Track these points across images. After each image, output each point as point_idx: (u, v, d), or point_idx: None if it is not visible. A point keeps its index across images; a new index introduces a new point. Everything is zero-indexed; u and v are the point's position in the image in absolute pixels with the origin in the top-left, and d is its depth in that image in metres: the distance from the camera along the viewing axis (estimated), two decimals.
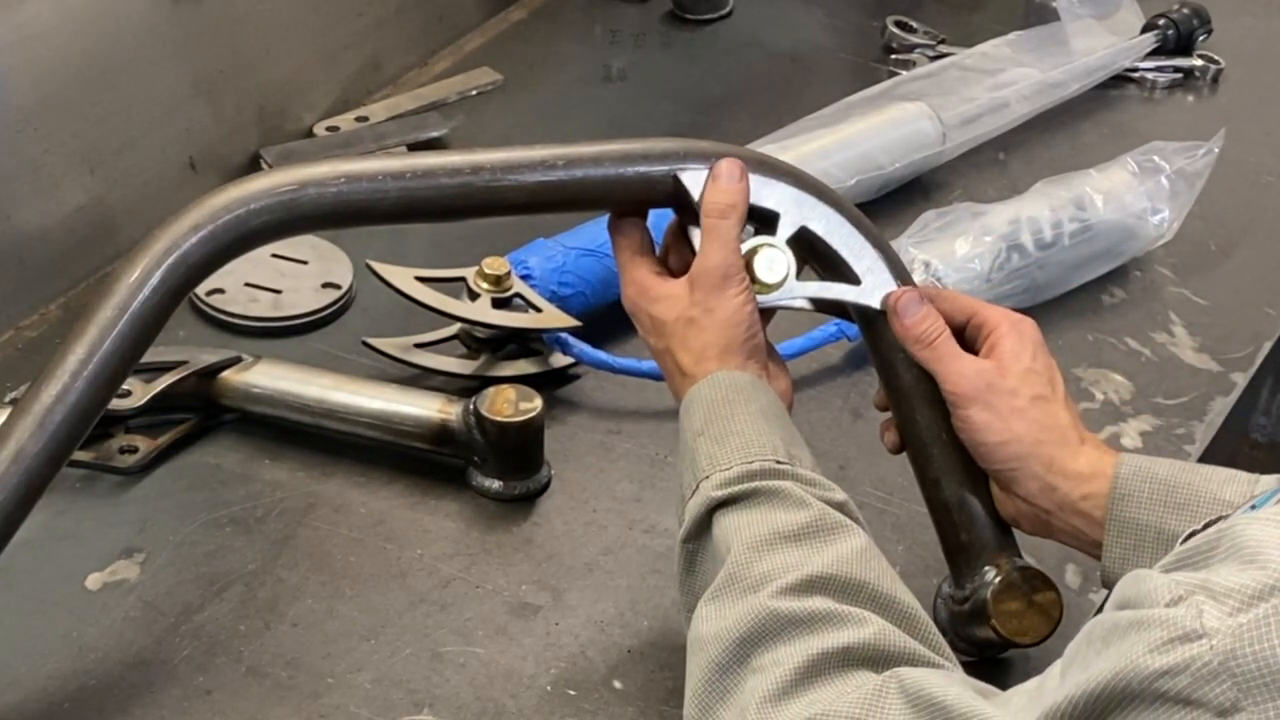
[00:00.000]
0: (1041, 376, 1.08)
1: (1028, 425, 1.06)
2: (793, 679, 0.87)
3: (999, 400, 1.06)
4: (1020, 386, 1.06)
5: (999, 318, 1.10)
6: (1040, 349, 1.09)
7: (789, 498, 0.97)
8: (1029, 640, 1.12)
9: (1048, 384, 1.08)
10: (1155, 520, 1.02)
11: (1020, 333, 1.09)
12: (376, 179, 1.03)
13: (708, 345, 1.05)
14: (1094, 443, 1.08)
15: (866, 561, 0.94)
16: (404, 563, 1.22)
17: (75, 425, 0.98)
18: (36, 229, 1.42)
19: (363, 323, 1.44)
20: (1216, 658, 0.69)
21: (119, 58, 1.46)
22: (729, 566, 0.94)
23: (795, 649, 0.89)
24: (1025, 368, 1.07)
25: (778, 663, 0.88)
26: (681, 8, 1.96)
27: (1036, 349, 1.09)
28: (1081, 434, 1.08)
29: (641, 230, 1.12)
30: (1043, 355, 1.09)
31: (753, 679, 0.89)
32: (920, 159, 1.64)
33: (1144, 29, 1.89)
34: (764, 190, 1.09)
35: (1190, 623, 0.70)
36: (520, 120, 1.74)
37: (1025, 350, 1.08)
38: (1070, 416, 1.08)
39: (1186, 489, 1.02)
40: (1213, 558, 0.74)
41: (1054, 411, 1.07)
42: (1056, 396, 1.08)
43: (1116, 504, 1.03)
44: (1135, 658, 0.71)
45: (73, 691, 1.11)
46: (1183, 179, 1.58)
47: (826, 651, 0.88)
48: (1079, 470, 1.05)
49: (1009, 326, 1.09)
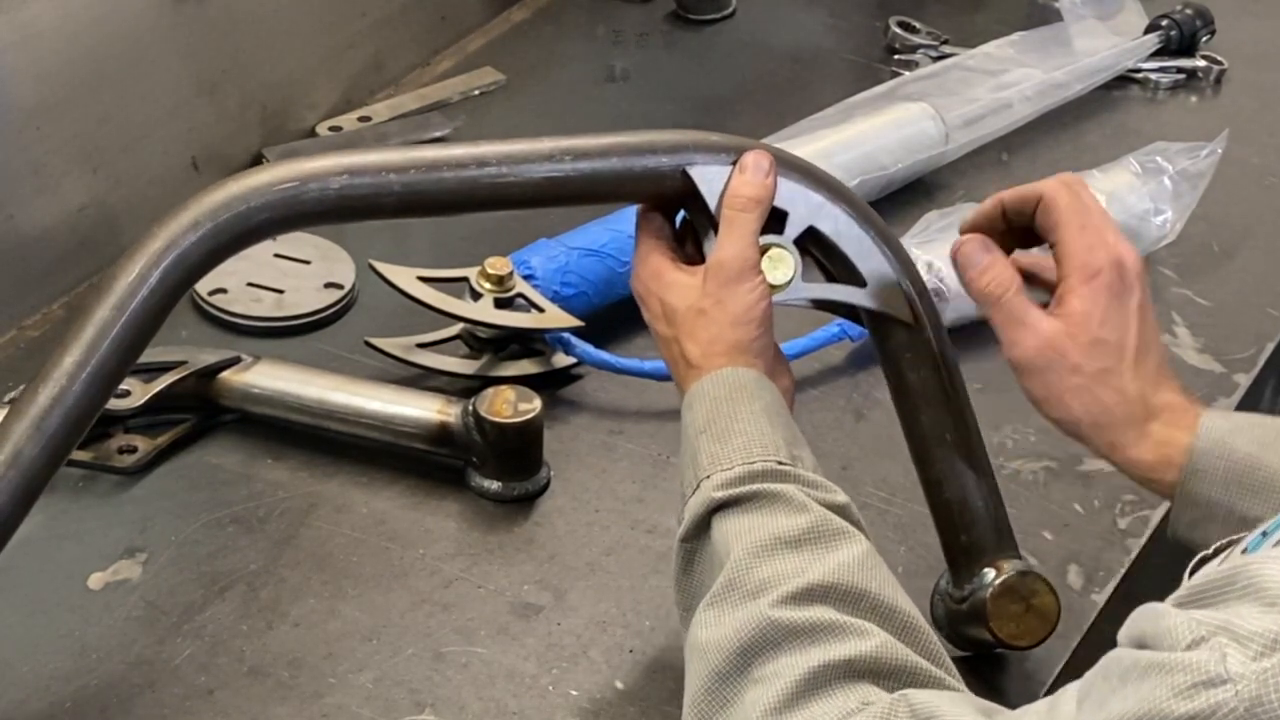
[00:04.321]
0: (1109, 346, 1.01)
1: (1086, 405, 1.02)
2: (795, 691, 0.86)
3: (1058, 378, 1.02)
4: (1084, 362, 1.01)
5: (1072, 238, 1.03)
6: (1115, 302, 1.02)
7: (790, 501, 0.96)
8: (1025, 643, 1.12)
9: (1116, 352, 1.01)
10: (1227, 500, 0.99)
11: (1095, 284, 1.01)
12: (379, 173, 1.01)
13: (716, 339, 1.04)
14: (1167, 415, 1.02)
15: (868, 569, 0.93)
16: (406, 563, 1.22)
17: (73, 426, 0.97)
18: (39, 228, 1.42)
19: (365, 323, 1.44)
20: (1242, 704, 0.67)
21: (121, 57, 1.46)
22: (728, 571, 0.94)
23: (797, 660, 0.88)
24: (1092, 337, 1.01)
25: (779, 674, 0.87)
26: (684, 8, 1.96)
27: (1110, 303, 1.02)
28: (1150, 406, 1.02)
29: (666, 221, 1.11)
30: (1116, 312, 1.02)
31: (753, 690, 0.88)
32: (923, 160, 1.64)
33: (1147, 30, 1.89)
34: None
35: (1214, 667, 0.68)
36: (523, 120, 1.74)
37: (1097, 309, 1.01)
38: (1139, 386, 1.02)
39: (1264, 471, 0.98)
40: (1228, 594, 0.72)
41: (1121, 385, 1.01)
42: (1125, 365, 1.01)
43: (1188, 479, 0.99)
44: (1158, 702, 0.69)
45: (74, 691, 1.11)
46: (1186, 180, 1.58)
47: (829, 664, 0.87)
48: (1142, 459, 1.02)
49: (1083, 273, 1.02)
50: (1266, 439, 0.99)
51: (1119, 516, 1.30)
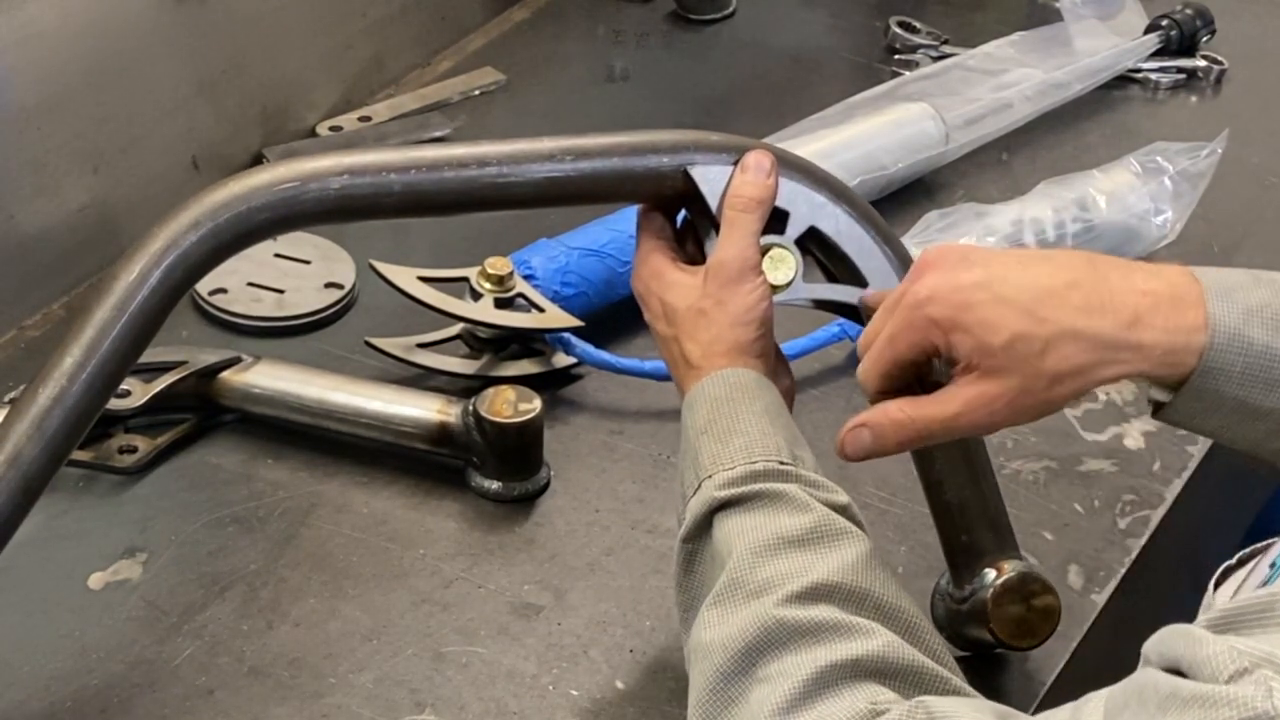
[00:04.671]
0: (1014, 307, 0.91)
1: (1071, 356, 0.91)
2: (802, 691, 0.86)
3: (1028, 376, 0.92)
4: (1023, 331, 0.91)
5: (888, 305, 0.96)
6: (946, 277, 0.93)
7: (792, 501, 0.96)
8: (1026, 644, 1.12)
9: (1031, 309, 0.91)
10: (1241, 394, 0.92)
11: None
12: (380, 173, 1.01)
13: (716, 339, 1.04)
14: (1161, 307, 0.91)
15: (871, 569, 0.93)
16: (406, 563, 1.22)
17: (73, 427, 0.97)
18: (39, 228, 1.42)
19: (365, 322, 1.44)
20: None
21: (122, 57, 1.46)
22: (731, 571, 0.93)
23: (803, 659, 0.87)
24: (990, 317, 0.92)
25: (784, 673, 0.87)
26: (685, 8, 1.96)
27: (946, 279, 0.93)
28: (1125, 312, 0.91)
29: (667, 221, 1.11)
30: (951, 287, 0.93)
31: (759, 689, 0.88)
32: (923, 159, 1.64)
33: (1147, 30, 1.89)
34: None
35: (1260, 703, 0.66)
36: (523, 120, 1.74)
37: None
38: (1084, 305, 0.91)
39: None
40: (1268, 622, 0.70)
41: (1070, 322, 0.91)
42: (1051, 301, 0.91)
43: (1201, 376, 0.91)
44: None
45: (75, 691, 1.11)
46: (1186, 180, 1.58)
47: (835, 664, 0.87)
48: (1153, 356, 0.91)
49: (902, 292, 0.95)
50: (1278, 320, 0.91)
51: (1119, 516, 1.30)
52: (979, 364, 0.91)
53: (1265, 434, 0.94)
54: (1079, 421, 1.39)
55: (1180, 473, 1.35)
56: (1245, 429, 0.94)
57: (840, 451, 0.98)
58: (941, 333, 0.92)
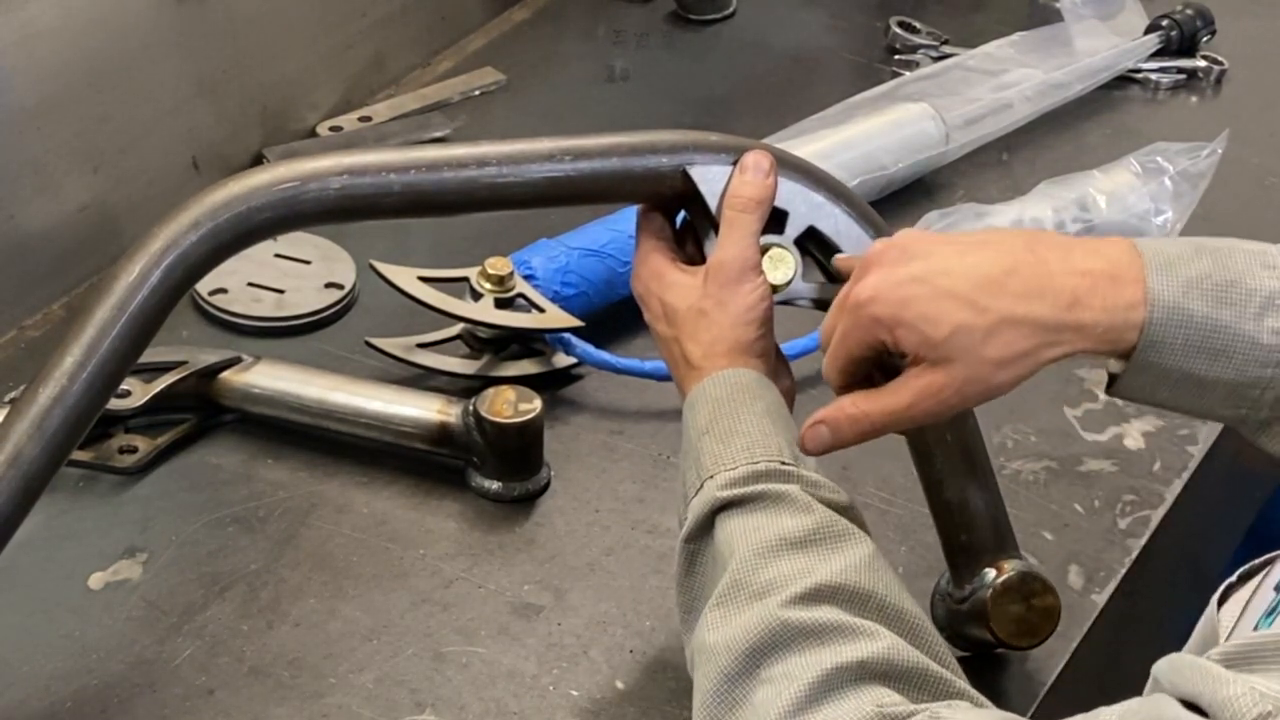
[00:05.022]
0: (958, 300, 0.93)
1: (1010, 344, 0.93)
2: (809, 694, 0.86)
3: (976, 357, 0.94)
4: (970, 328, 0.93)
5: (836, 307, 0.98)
6: (890, 271, 0.95)
7: (794, 502, 0.96)
8: (1026, 644, 1.12)
9: (970, 298, 0.93)
10: (1185, 365, 0.93)
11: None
12: (380, 173, 1.01)
13: (717, 339, 1.04)
14: (1100, 286, 0.93)
15: (874, 571, 0.93)
16: (406, 563, 1.22)
17: (73, 427, 0.97)
18: (39, 228, 1.42)
19: (366, 323, 1.44)
20: None
21: (122, 57, 1.46)
22: (733, 572, 0.93)
23: (808, 661, 0.87)
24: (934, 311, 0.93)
25: (789, 675, 0.87)
26: (685, 8, 1.96)
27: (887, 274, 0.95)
28: (1065, 294, 0.92)
29: (666, 222, 1.11)
30: (896, 280, 0.94)
31: (763, 690, 0.88)
32: (923, 160, 1.64)
33: (1147, 30, 1.89)
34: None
35: None
36: (523, 120, 1.74)
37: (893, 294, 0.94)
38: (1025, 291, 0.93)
39: (1224, 335, 0.93)
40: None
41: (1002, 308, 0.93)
42: (988, 290, 0.93)
43: (1144, 351, 0.92)
44: None
45: (75, 690, 1.11)
46: (1186, 180, 1.58)
47: (841, 666, 0.86)
48: (1096, 333, 0.93)
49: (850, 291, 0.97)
50: (1220, 289, 0.93)
51: (1119, 516, 1.30)
52: (925, 356, 0.93)
53: (1219, 402, 0.95)
54: (1079, 422, 1.39)
55: (1180, 473, 1.35)
56: (1197, 399, 0.95)
57: (801, 448, 0.99)
58: (886, 329, 0.94)
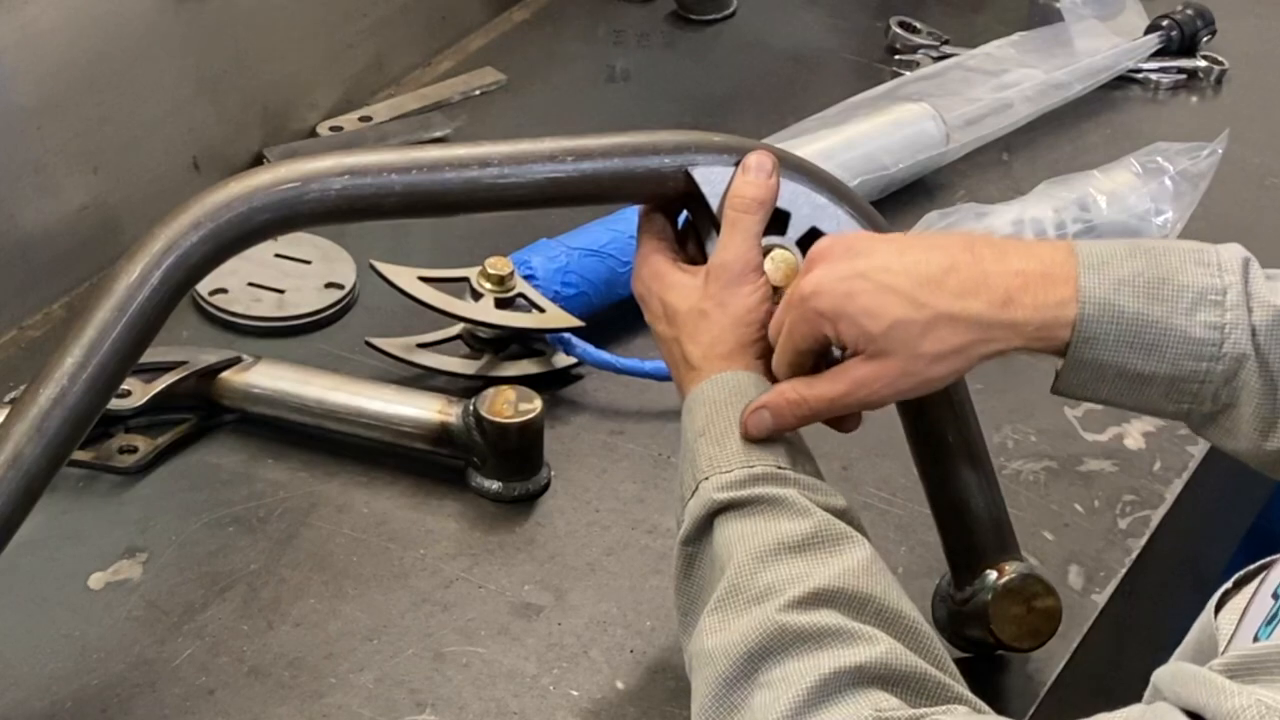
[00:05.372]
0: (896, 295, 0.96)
1: (945, 340, 0.96)
2: (806, 698, 0.86)
3: (911, 347, 0.97)
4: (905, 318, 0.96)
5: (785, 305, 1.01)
6: (835, 266, 0.98)
7: (792, 506, 0.95)
8: (1027, 646, 1.12)
9: (909, 294, 0.96)
10: (1119, 360, 0.96)
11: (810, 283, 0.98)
12: (381, 174, 1.01)
13: (716, 340, 1.04)
14: (1032, 284, 0.96)
15: (872, 574, 0.93)
16: (406, 563, 1.22)
17: (73, 427, 0.97)
18: (40, 228, 1.42)
19: (366, 322, 1.44)
20: None
21: (122, 57, 1.46)
22: (731, 577, 0.93)
23: (806, 666, 0.87)
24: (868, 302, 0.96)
25: (787, 680, 0.87)
26: (685, 8, 1.96)
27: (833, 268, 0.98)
28: (999, 292, 0.96)
29: (668, 222, 1.11)
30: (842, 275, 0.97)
31: (761, 695, 0.88)
32: (924, 160, 1.64)
33: (1148, 30, 1.89)
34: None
35: None
36: (524, 120, 1.74)
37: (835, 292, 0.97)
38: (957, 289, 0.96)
39: (1155, 329, 0.95)
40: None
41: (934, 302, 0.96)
42: (918, 288, 0.96)
43: (1078, 347, 0.95)
44: None
45: (75, 690, 1.11)
46: (1186, 180, 1.58)
47: (839, 670, 0.86)
48: (1029, 330, 0.96)
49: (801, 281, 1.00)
50: (1152, 286, 0.96)
51: (1119, 517, 1.30)
52: (864, 349, 0.97)
53: (1160, 397, 0.98)
54: (1079, 422, 1.39)
55: (1180, 473, 1.35)
56: (1138, 394, 0.98)
57: (744, 433, 1.00)
58: (829, 322, 0.97)
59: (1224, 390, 0.97)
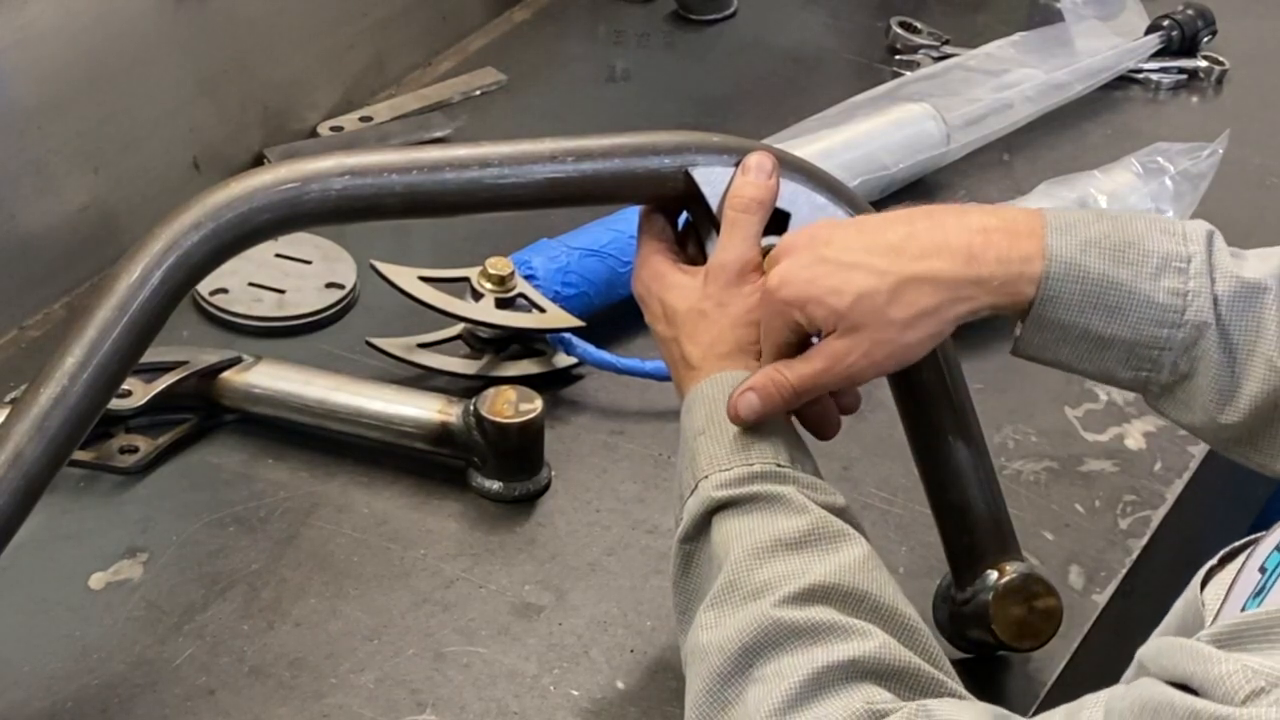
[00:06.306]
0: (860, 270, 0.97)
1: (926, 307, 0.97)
2: (798, 692, 0.86)
3: (879, 325, 0.98)
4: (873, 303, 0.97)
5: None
6: (805, 255, 0.99)
7: (790, 503, 0.96)
8: (1028, 646, 1.12)
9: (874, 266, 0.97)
10: (1082, 321, 0.97)
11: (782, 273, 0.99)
12: (381, 174, 1.01)
13: (716, 340, 1.04)
14: (998, 238, 0.97)
15: (868, 571, 0.93)
16: (407, 563, 1.22)
17: (74, 427, 0.97)
18: (40, 228, 1.42)
19: (366, 323, 1.44)
20: None
21: (122, 57, 1.46)
22: (728, 573, 0.93)
23: (799, 660, 0.87)
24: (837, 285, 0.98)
25: (781, 674, 0.87)
26: (686, 8, 1.96)
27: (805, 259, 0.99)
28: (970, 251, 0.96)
29: (668, 223, 1.11)
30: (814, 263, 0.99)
31: (754, 689, 0.88)
32: (924, 160, 1.64)
33: (1148, 30, 1.89)
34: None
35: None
36: (524, 120, 1.74)
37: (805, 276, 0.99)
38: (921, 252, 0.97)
39: (1119, 291, 0.96)
40: (1275, 638, 0.69)
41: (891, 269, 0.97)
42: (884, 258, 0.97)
43: (1041, 305, 0.96)
44: None
45: (75, 690, 1.11)
46: (1187, 180, 1.58)
47: (831, 665, 0.87)
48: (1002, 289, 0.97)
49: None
50: (1118, 249, 0.97)
51: (1120, 517, 1.30)
52: (836, 326, 0.98)
53: (1118, 362, 0.99)
54: (1080, 422, 1.39)
55: (1181, 473, 1.35)
56: (1095, 359, 0.99)
57: (732, 415, 1.00)
58: (798, 309, 0.99)
59: (1183, 359, 0.97)
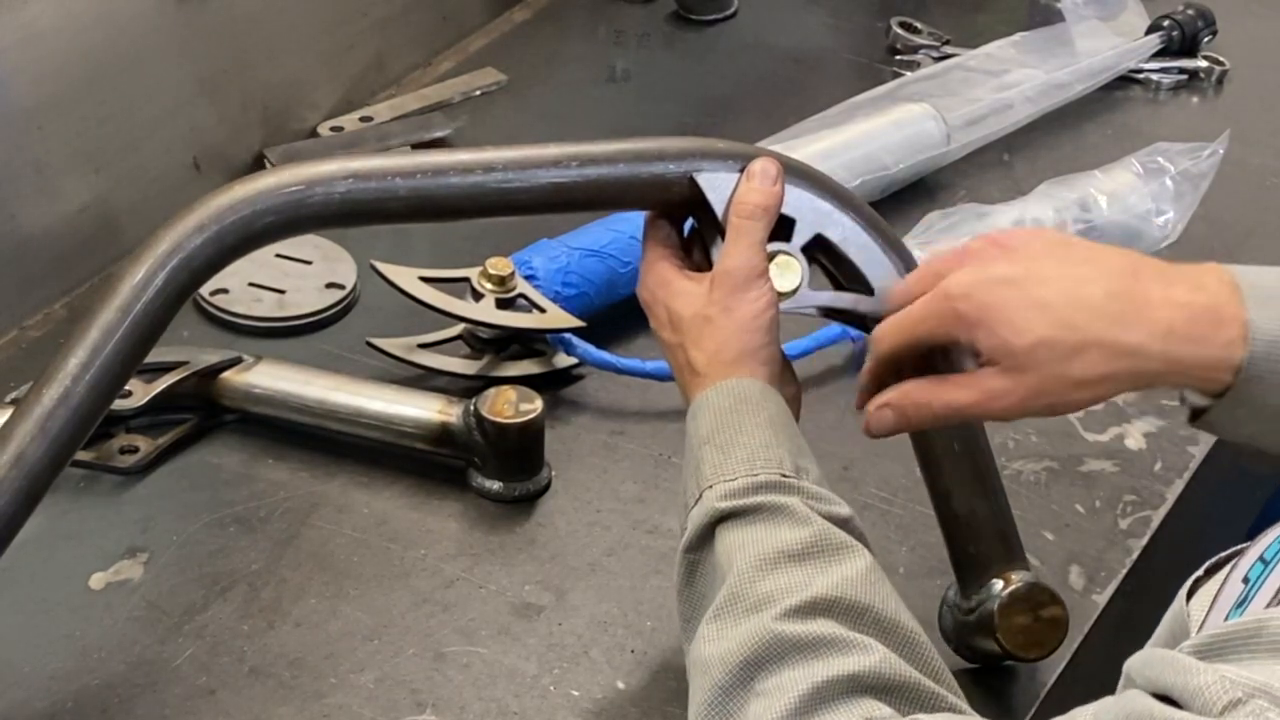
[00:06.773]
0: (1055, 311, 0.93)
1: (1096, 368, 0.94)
2: (799, 706, 0.86)
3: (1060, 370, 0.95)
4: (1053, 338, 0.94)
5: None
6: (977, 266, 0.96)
7: (793, 514, 0.95)
8: (1034, 655, 1.12)
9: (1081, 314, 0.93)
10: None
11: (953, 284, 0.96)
12: (385, 178, 1.01)
13: (722, 347, 1.03)
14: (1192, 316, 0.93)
15: (871, 584, 0.93)
16: (407, 563, 1.22)
17: (77, 428, 0.97)
18: (40, 229, 1.42)
19: (367, 323, 1.44)
20: None
21: (123, 57, 1.46)
22: (731, 585, 0.93)
23: (800, 674, 0.87)
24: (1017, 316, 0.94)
25: (782, 688, 0.87)
26: (686, 8, 1.96)
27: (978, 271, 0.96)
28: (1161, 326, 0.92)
29: (673, 229, 1.10)
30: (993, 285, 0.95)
31: (756, 703, 0.88)
32: (925, 160, 1.64)
33: (1149, 30, 1.89)
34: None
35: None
36: (524, 120, 1.74)
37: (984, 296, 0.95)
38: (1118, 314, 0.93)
39: None
40: (1256, 648, 0.70)
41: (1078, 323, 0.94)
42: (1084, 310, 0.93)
43: (1244, 385, 0.92)
44: None
45: (76, 691, 1.11)
46: (1187, 180, 1.58)
47: (832, 679, 0.86)
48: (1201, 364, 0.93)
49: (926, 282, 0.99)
50: None
51: (1120, 517, 1.30)
52: (1000, 361, 0.94)
53: None
54: (1080, 422, 1.39)
55: (1181, 473, 1.35)
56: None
57: (866, 431, 1.00)
58: (966, 328, 0.95)
59: None
